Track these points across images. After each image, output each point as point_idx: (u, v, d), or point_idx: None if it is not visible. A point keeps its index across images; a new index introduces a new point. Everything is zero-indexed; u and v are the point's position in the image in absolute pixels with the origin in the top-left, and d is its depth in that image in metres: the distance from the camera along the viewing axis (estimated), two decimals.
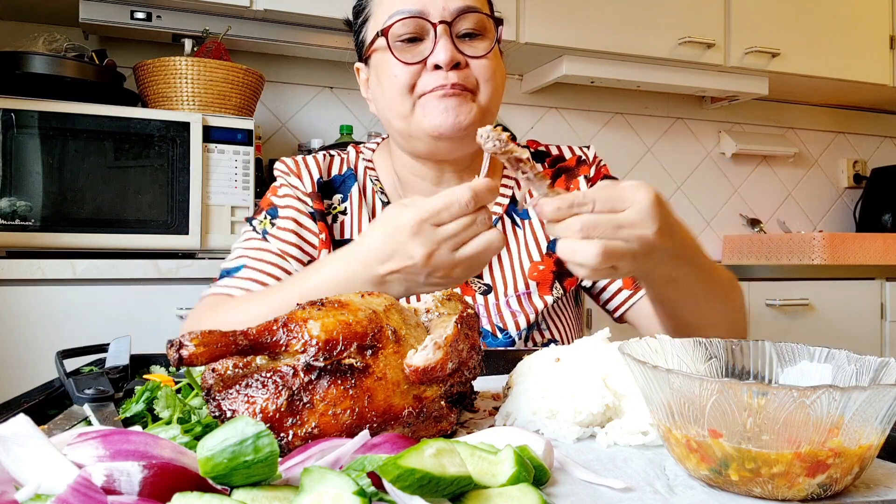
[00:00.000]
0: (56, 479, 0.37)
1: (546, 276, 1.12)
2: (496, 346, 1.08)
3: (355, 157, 1.18)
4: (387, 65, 1.02)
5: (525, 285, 1.11)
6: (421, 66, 1.00)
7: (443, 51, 0.98)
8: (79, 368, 0.73)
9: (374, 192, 1.14)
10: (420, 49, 1.00)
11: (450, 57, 0.98)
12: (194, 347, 0.48)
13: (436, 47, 0.98)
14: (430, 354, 0.53)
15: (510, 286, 1.11)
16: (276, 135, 2.52)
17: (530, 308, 1.10)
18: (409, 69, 0.99)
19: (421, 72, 1.00)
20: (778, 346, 0.56)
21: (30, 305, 1.64)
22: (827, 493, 0.44)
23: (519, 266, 1.12)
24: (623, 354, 0.50)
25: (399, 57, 1.00)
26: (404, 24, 0.99)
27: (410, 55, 1.00)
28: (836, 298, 2.49)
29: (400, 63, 0.99)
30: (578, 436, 0.55)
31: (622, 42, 2.56)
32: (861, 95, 3.21)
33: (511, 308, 1.10)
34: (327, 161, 1.16)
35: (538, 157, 1.20)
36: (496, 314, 1.10)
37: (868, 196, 3.35)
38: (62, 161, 1.73)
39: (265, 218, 1.09)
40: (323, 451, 0.43)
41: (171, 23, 2.13)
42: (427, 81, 0.99)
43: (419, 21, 0.99)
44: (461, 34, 1.01)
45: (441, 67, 0.98)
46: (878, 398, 0.42)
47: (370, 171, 1.16)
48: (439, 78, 0.99)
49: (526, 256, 1.13)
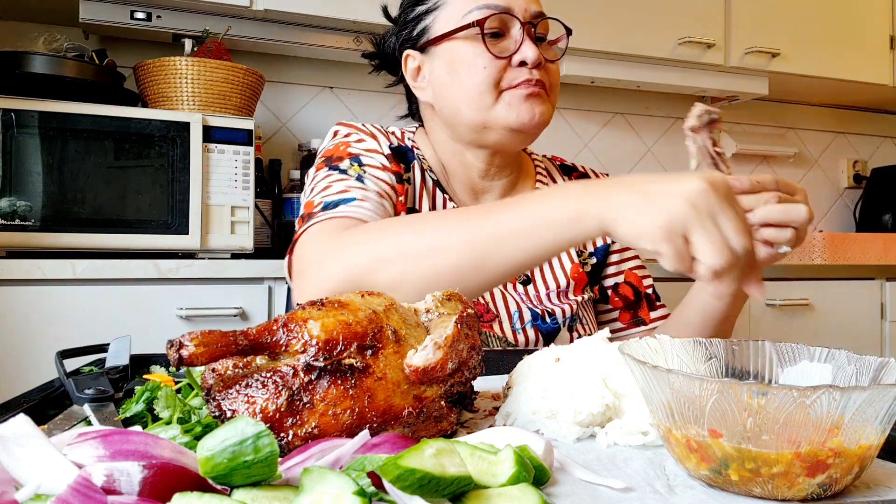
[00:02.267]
0: (56, 479, 0.37)
1: (583, 277, 1.18)
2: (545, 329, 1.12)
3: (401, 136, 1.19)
4: (470, 56, 1.05)
5: (566, 283, 1.17)
6: (506, 62, 1.04)
7: (531, 50, 1.03)
8: (79, 368, 0.72)
9: (422, 169, 1.16)
10: (503, 45, 1.05)
11: (537, 56, 1.03)
12: (194, 347, 0.48)
13: (523, 45, 1.04)
14: (430, 354, 0.53)
15: (551, 282, 1.16)
16: (277, 135, 2.52)
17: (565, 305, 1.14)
18: (497, 63, 1.04)
19: (506, 67, 1.04)
20: (778, 346, 0.56)
21: (30, 305, 1.64)
22: (827, 493, 0.44)
23: (559, 265, 1.17)
24: (623, 354, 0.50)
25: (492, 50, 1.03)
26: (492, 20, 1.04)
27: (496, 49, 1.04)
28: (836, 298, 2.49)
29: (490, 56, 1.03)
30: (578, 436, 0.55)
31: (622, 42, 2.56)
32: (861, 95, 3.21)
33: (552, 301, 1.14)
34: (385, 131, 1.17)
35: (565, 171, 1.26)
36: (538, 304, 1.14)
37: (868, 196, 3.35)
38: (62, 161, 1.73)
39: (352, 164, 1.06)
40: (323, 451, 0.43)
41: (171, 23, 2.13)
42: (514, 76, 1.04)
43: (507, 18, 1.05)
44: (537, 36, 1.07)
45: (526, 64, 1.03)
46: (879, 398, 0.42)
47: (416, 150, 1.18)
48: (525, 74, 1.04)
49: (566, 257, 1.18)
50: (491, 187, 1.17)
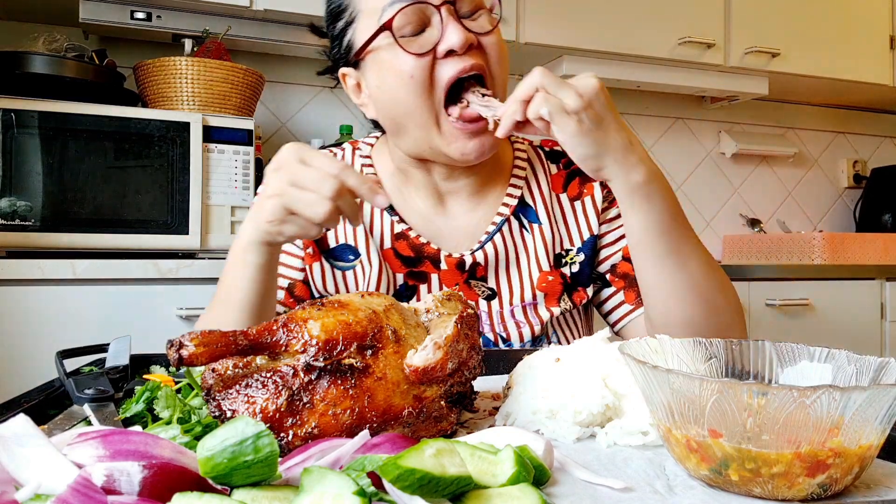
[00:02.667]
0: (56, 479, 0.37)
1: (555, 287, 1.07)
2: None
3: (351, 154, 1.14)
4: (393, 62, 0.94)
5: (532, 296, 1.07)
6: (431, 57, 0.92)
7: (455, 33, 0.91)
8: (79, 368, 0.72)
9: None
10: (426, 38, 0.93)
11: (464, 37, 0.91)
12: (194, 347, 0.48)
13: (445, 31, 0.91)
14: (430, 354, 0.53)
15: (516, 295, 1.07)
16: (276, 135, 2.52)
17: (535, 319, 1.07)
18: (421, 62, 0.92)
19: (433, 64, 0.93)
20: (778, 346, 0.56)
21: (30, 305, 1.64)
22: (827, 493, 0.44)
23: (528, 275, 1.08)
24: (623, 354, 0.50)
25: (409, 50, 0.92)
26: (405, 15, 0.92)
27: (418, 45, 0.93)
28: (836, 298, 2.49)
29: (411, 56, 0.92)
30: (578, 436, 0.55)
31: (622, 42, 2.56)
32: (861, 95, 3.21)
33: (515, 318, 1.07)
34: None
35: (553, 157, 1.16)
36: (499, 322, 1.07)
37: (868, 196, 3.35)
38: (62, 161, 1.73)
39: None
40: (323, 451, 0.43)
41: (171, 23, 2.13)
42: (445, 72, 0.93)
43: (420, 7, 0.92)
44: (462, 15, 0.94)
45: (455, 52, 0.92)
46: (878, 398, 0.42)
47: (367, 168, 1.12)
48: (457, 63, 0.92)
49: (535, 265, 1.08)
50: (456, 188, 1.08)
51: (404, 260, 1.07)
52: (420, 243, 1.07)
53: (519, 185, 1.11)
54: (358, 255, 1.07)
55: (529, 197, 1.11)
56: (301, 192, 0.77)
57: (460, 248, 1.08)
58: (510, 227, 1.09)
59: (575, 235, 1.11)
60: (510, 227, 1.09)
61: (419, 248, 1.07)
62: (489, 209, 1.09)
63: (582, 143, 0.80)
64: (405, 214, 1.09)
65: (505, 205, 1.09)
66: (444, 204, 1.09)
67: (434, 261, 1.06)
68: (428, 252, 1.07)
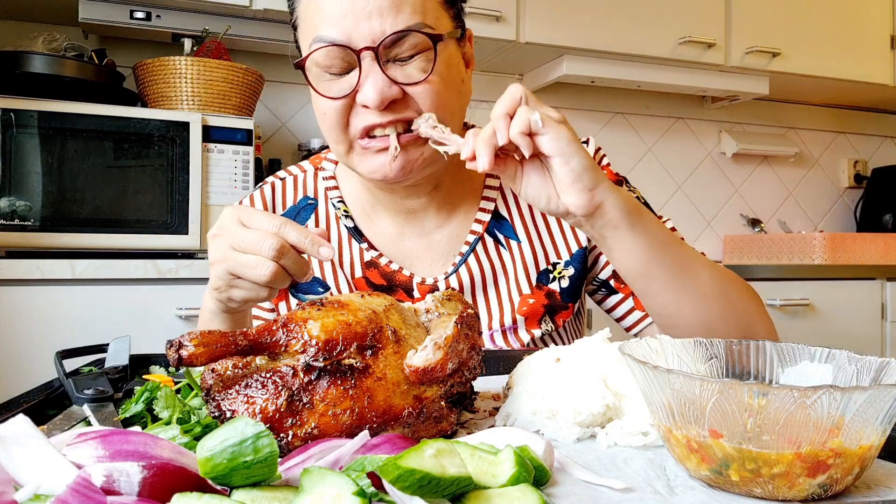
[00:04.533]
0: (55, 480, 0.37)
1: (536, 310, 1.02)
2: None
3: (313, 177, 1.08)
4: (314, 96, 0.89)
5: (512, 320, 1.02)
6: (350, 101, 0.86)
7: (372, 90, 0.82)
8: (78, 368, 0.72)
9: (337, 218, 1.05)
10: (348, 80, 0.85)
11: (380, 98, 0.82)
12: (194, 348, 0.48)
13: (363, 84, 0.84)
14: (430, 355, 0.53)
15: (496, 319, 1.02)
16: (276, 135, 2.52)
17: (516, 343, 1.02)
18: (337, 105, 0.86)
19: (351, 106, 0.86)
20: (778, 347, 0.56)
21: (29, 305, 1.64)
22: (827, 494, 0.44)
23: (507, 298, 1.02)
24: (623, 354, 0.50)
25: (324, 93, 0.86)
26: (328, 54, 0.84)
27: (337, 88, 0.86)
28: (837, 298, 2.49)
29: (325, 99, 0.86)
30: (579, 436, 0.55)
31: (622, 42, 2.56)
32: (861, 95, 3.21)
33: (495, 343, 1.02)
34: (276, 192, 1.07)
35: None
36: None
37: (869, 196, 3.35)
38: (62, 161, 1.73)
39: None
40: (323, 451, 0.43)
41: (171, 22, 2.13)
42: (360, 120, 0.86)
43: (342, 49, 0.84)
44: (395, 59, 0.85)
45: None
46: (879, 398, 0.42)
47: (331, 191, 1.06)
48: (373, 117, 0.85)
49: (515, 287, 1.02)
50: (421, 205, 1.01)
51: (376, 289, 1.02)
52: (391, 270, 1.02)
53: (492, 197, 1.05)
54: (327, 288, 1.03)
55: (505, 209, 1.05)
56: (242, 255, 0.72)
57: (434, 271, 1.03)
58: (485, 247, 1.03)
59: (561, 248, 1.04)
60: (485, 247, 1.03)
61: (391, 276, 1.02)
62: (461, 225, 1.04)
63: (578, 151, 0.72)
64: (374, 239, 1.03)
65: (478, 221, 1.03)
66: (412, 222, 1.03)
67: (406, 289, 1.01)
68: (400, 280, 1.01)
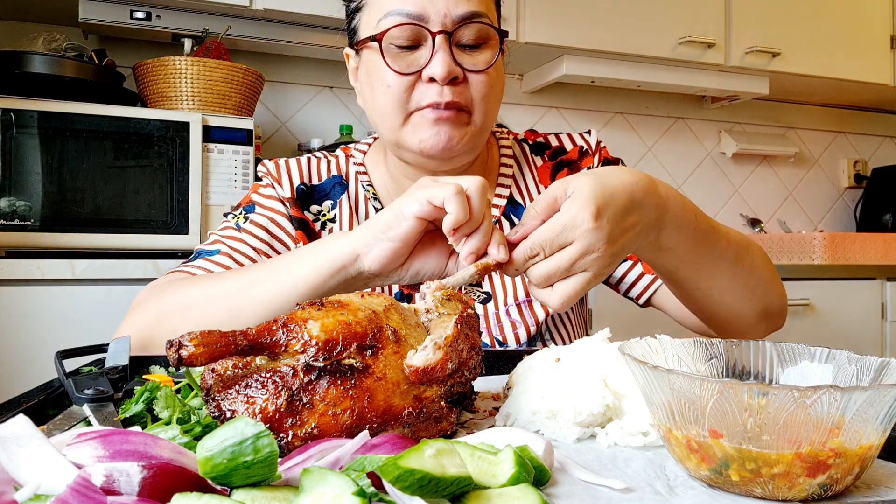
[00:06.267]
0: (55, 480, 0.37)
1: None
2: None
3: (345, 161, 1.13)
4: (378, 70, 0.95)
5: (526, 293, 1.06)
6: (415, 77, 0.93)
7: (440, 64, 0.90)
8: (78, 369, 0.72)
9: (366, 199, 1.09)
10: (415, 57, 0.93)
11: (447, 71, 0.90)
12: (194, 348, 0.47)
13: (433, 59, 0.91)
14: (430, 355, 0.53)
15: (510, 294, 1.06)
16: (276, 135, 2.52)
17: (531, 318, 1.06)
18: (403, 80, 0.93)
19: (415, 83, 0.93)
20: (778, 346, 0.56)
21: (29, 305, 1.64)
22: (827, 494, 0.44)
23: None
24: (623, 354, 0.50)
25: (392, 66, 0.93)
26: (401, 29, 0.92)
27: (405, 63, 0.93)
28: (837, 298, 2.49)
29: (393, 73, 0.93)
30: (579, 436, 0.55)
31: (622, 42, 2.56)
32: (861, 95, 3.21)
33: (511, 318, 1.06)
34: (311, 165, 1.11)
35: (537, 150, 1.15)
36: (496, 324, 1.06)
37: (869, 196, 3.36)
38: (62, 161, 1.73)
39: (241, 213, 1.07)
40: (323, 451, 0.43)
41: (171, 22, 2.13)
42: (421, 95, 0.93)
43: (417, 28, 0.92)
44: (462, 44, 0.94)
45: (436, 81, 0.91)
46: (879, 398, 0.42)
47: (361, 175, 1.11)
48: (434, 93, 0.92)
49: None
50: None
51: None
52: None
53: (507, 185, 1.11)
54: None
55: (519, 195, 1.11)
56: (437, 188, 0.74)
57: None
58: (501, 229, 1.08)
59: None
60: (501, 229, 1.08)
61: None
62: None
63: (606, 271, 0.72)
64: None
65: (494, 206, 1.09)
66: None
67: None
68: None
